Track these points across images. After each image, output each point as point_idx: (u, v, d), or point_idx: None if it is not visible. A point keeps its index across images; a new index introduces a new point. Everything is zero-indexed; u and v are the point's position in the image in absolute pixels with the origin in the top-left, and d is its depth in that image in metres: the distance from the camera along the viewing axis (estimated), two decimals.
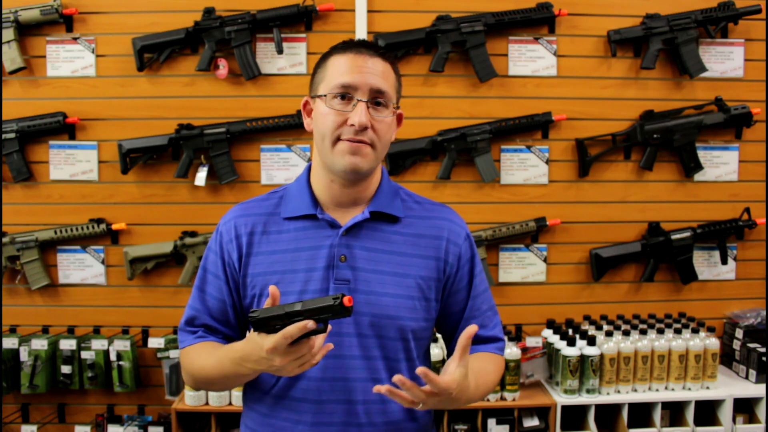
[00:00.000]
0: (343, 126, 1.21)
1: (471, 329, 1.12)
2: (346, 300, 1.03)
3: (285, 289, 1.25)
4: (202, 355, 1.29)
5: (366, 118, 1.20)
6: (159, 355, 2.55)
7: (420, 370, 1.07)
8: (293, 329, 1.05)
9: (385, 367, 1.27)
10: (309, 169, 1.35)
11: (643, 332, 2.45)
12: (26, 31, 2.59)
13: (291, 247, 1.28)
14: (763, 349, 2.51)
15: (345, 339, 1.25)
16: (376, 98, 1.22)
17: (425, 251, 1.30)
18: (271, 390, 1.28)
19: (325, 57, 1.28)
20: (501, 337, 1.39)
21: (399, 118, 1.34)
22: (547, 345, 2.49)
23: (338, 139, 1.22)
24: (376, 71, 1.23)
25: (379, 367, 1.27)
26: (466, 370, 1.13)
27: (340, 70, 1.23)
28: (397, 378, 1.08)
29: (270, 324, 1.08)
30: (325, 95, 1.23)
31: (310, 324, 1.04)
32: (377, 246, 1.28)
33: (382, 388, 1.09)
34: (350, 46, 1.26)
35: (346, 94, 1.21)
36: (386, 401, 1.25)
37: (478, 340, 1.35)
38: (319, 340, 1.09)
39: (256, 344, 1.11)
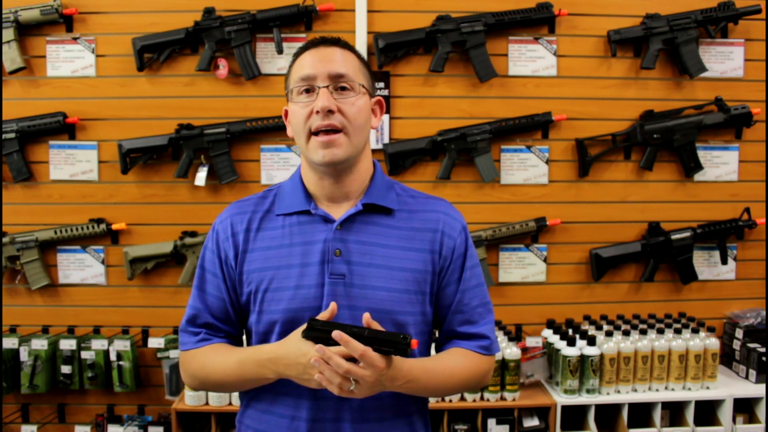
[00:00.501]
0: (312, 116, 1.23)
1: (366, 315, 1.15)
2: (413, 343, 1.10)
3: (279, 284, 1.25)
4: (217, 358, 1.29)
5: (328, 101, 1.21)
6: (159, 355, 2.55)
7: (335, 333, 1.09)
8: (353, 347, 1.08)
9: None
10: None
11: (643, 332, 2.45)
12: (26, 31, 2.59)
13: (285, 243, 1.28)
14: (763, 349, 2.51)
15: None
16: (338, 83, 1.24)
17: (420, 244, 1.29)
18: (268, 387, 1.28)
19: (290, 64, 1.31)
20: (488, 335, 1.34)
21: (380, 106, 1.35)
22: (547, 345, 2.49)
23: (310, 132, 1.23)
24: (332, 58, 1.25)
25: None
26: None
27: (300, 66, 1.26)
28: (317, 347, 1.10)
29: (325, 337, 1.11)
30: (291, 93, 1.26)
31: (369, 352, 1.09)
32: (372, 239, 1.28)
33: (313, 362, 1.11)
34: (307, 45, 1.29)
35: (309, 88, 1.24)
36: (379, 398, 1.25)
37: (461, 336, 1.34)
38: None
39: (297, 349, 1.15)
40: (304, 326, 1.15)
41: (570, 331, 2.42)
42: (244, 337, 1.38)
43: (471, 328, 1.33)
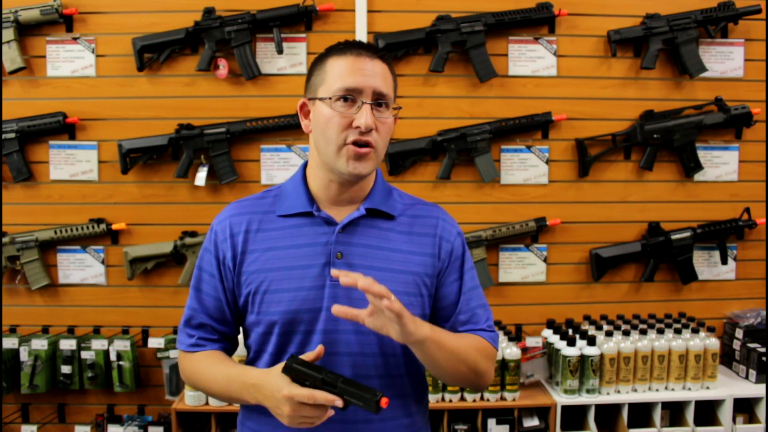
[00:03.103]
0: (349, 129, 1.22)
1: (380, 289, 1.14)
2: (383, 402, 1.09)
3: (279, 286, 1.26)
4: (207, 368, 1.30)
5: (372, 120, 1.21)
6: (159, 355, 2.55)
7: (335, 308, 1.13)
8: (321, 397, 1.09)
9: (383, 363, 1.28)
10: (304, 168, 1.36)
11: (643, 332, 2.45)
12: (26, 31, 2.59)
13: (286, 244, 1.28)
14: (763, 349, 2.51)
15: (342, 336, 1.26)
16: (378, 100, 1.24)
17: (421, 248, 1.31)
18: None
19: (322, 58, 1.28)
20: (491, 330, 1.37)
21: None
22: (547, 345, 2.49)
23: (344, 142, 1.22)
24: (377, 73, 1.23)
25: (378, 364, 1.27)
26: None
27: (342, 72, 1.23)
28: (335, 309, 1.13)
29: (302, 377, 1.12)
30: (328, 98, 1.23)
31: (338, 402, 1.10)
32: (373, 243, 1.28)
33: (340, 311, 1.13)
34: (349, 47, 1.26)
35: (349, 96, 1.22)
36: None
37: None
38: (330, 412, 1.13)
39: (275, 382, 1.15)
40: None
41: (570, 331, 2.42)
42: (242, 336, 1.38)
43: (475, 327, 1.35)
